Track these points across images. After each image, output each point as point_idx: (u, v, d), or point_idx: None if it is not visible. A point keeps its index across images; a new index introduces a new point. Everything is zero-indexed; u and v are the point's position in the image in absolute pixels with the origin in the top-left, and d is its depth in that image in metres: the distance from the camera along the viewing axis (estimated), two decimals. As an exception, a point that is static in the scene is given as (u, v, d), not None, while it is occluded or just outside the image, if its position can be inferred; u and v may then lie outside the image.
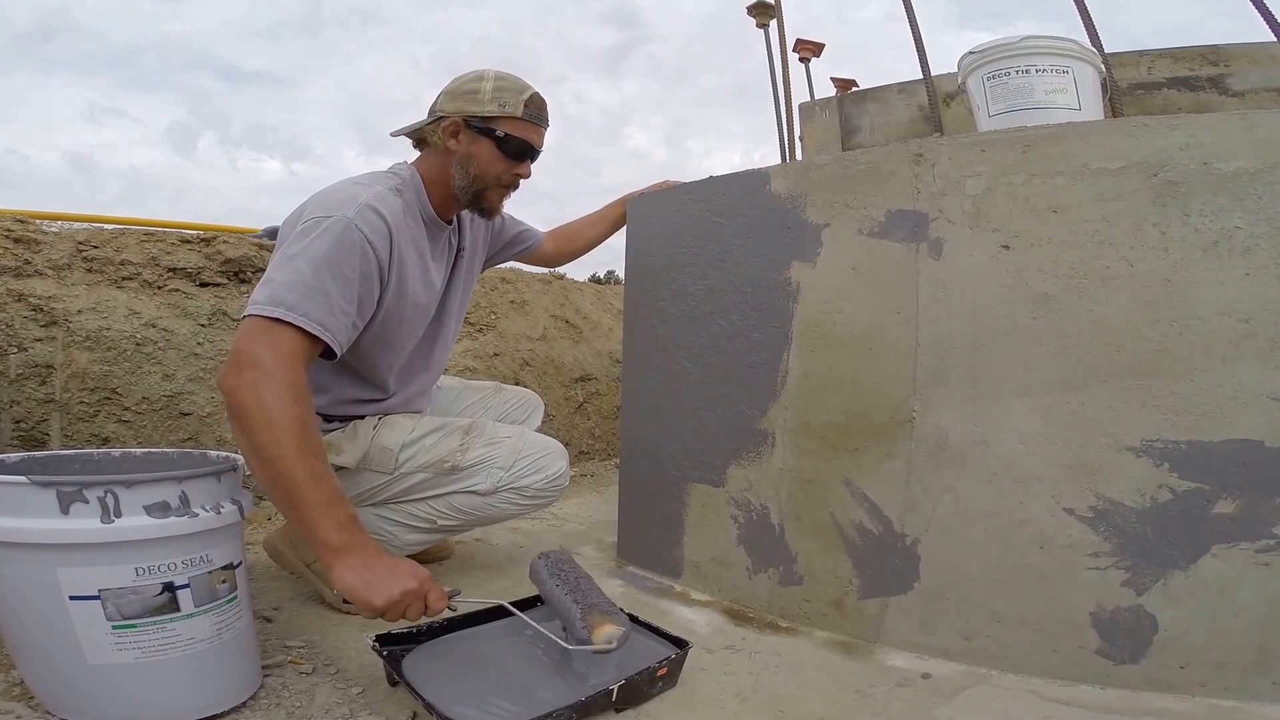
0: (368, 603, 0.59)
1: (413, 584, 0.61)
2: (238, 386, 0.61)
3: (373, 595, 0.59)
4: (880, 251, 0.80)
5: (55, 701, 0.58)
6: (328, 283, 0.68)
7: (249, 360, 0.62)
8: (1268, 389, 0.63)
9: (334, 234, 0.70)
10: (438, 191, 0.85)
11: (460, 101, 0.82)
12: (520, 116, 0.82)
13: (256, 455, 0.61)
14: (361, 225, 0.72)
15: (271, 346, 0.63)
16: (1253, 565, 0.64)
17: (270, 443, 0.60)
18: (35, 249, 1.16)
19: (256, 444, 0.60)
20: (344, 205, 0.73)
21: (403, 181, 0.82)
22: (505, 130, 0.82)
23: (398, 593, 0.60)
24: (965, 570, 0.74)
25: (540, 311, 1.90)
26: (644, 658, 0.68)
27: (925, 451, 0.76)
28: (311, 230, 0.70)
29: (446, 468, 0.84)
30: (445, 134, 0.83)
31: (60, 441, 1.08)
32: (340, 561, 0.60)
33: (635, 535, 1.06)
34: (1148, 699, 0.65)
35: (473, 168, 0.83)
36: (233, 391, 0.61)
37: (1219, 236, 0.65)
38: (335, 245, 0.70)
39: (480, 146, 0.83)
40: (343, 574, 0.60)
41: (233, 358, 0.64)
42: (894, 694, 0.68)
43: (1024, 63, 0.94)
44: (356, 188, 0.76)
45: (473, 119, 0.82)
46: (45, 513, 0.53)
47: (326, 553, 0.61)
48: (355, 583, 0.60)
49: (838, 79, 1.81)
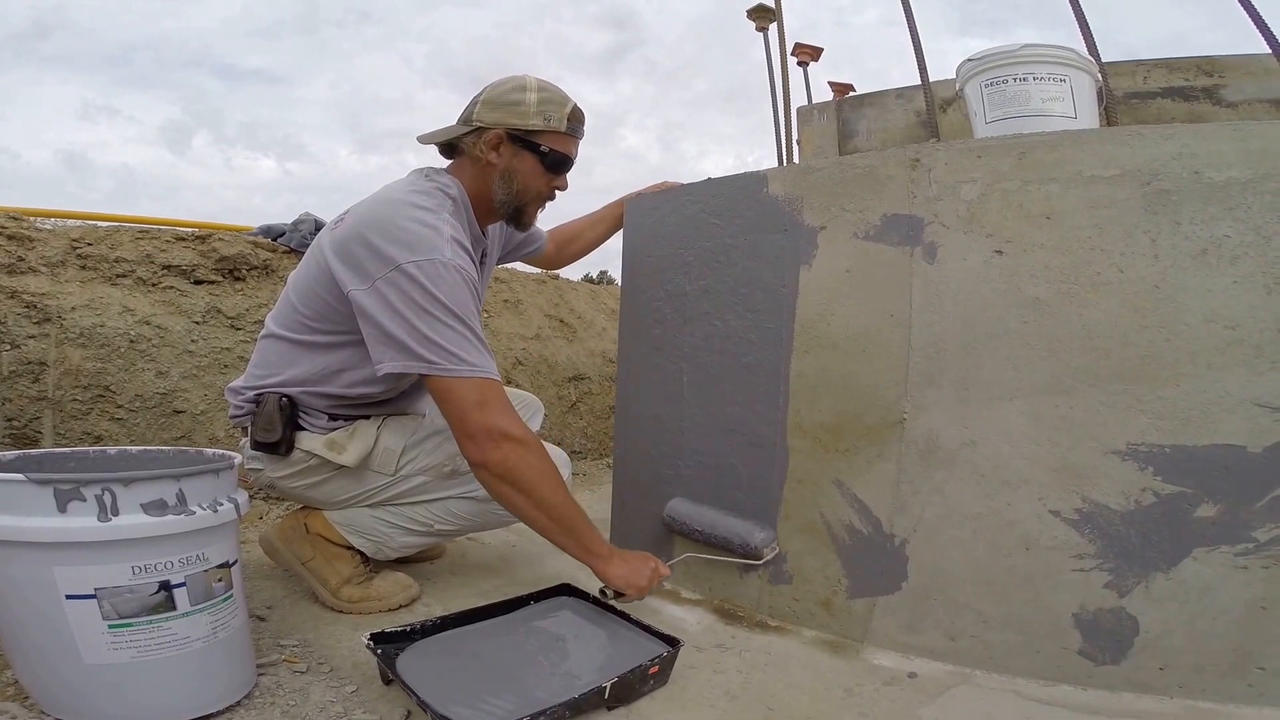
0: (637, 586, 0.79)
1: (651, 564, 0.82)
2: (506, 459, 0.73)
3: (638, 580, 0.80)
4: (875, 255, 0.80)
5: (51, 701, 0.58)
6: (473, 327, 0.74)
7: (499, 433, 0.72)
8: (1251, 395, 0.64)
9: (449, 279, 0.72)
10: (478, 205, 0.85)
11: (503, 113, 0.80)
12: (563, 130, 0.81)
13: (539, 507, 0.75)
14: (460, 264, 0.73)
15: (503, 413, 0.73)
16: (1232, 568, 0.65)
17: (551, 493, 0.75)
18: (29, 246, 1.15)
19: (539, 499, 0.75)
20: (432, 247, 0.72)
21: (455, 205, 0.81)
22: (549, 145, 0.81)
23: (648, 572, 0.81)
24: (952, 571, 0.75)
25: (534, 311, 1.90)
26: (636, 656, 0.69)
27: (915, 453, 0.76)
28: (418, 279, 0.70)
29: (447, 471, 0.84)
30: (487, 146, 0.81)
31: (53, 439, 1.07)
32: (609, 564, 0.79)
33: (628, 534, 1.07)
34: (1127, 699, 0.66)
35: (515, 182, 0.82)
36: (505, 466, 0.73)
37: (1208, 245, 0.66)
38: (455, 288, 0.72)
39: (523, 161, 0.82)
40: (615, 572, 0.79)
41: (480, 434, 0.72)
42: (880, 693, 0.69)
43: (1022, 70, 0.94)
44: (425, 218, 0.74)
45: (516, 132, 0.80)
46: (42, 511, 0.53)
47: (599, 561, 0.79)
48: (625, 575, 0.79)
49: (835, 83, 1.81)
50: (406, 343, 0.70)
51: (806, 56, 1.83)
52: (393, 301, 0.70)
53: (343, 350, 0.79)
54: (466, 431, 0.72)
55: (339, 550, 0.86)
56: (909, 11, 1.35)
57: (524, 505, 0.75)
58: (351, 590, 0.85)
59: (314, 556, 0.86)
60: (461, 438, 0.73)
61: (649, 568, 0.81)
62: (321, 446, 0.82)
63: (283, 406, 0.81)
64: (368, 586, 0.86)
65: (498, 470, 0.72)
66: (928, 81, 1.39)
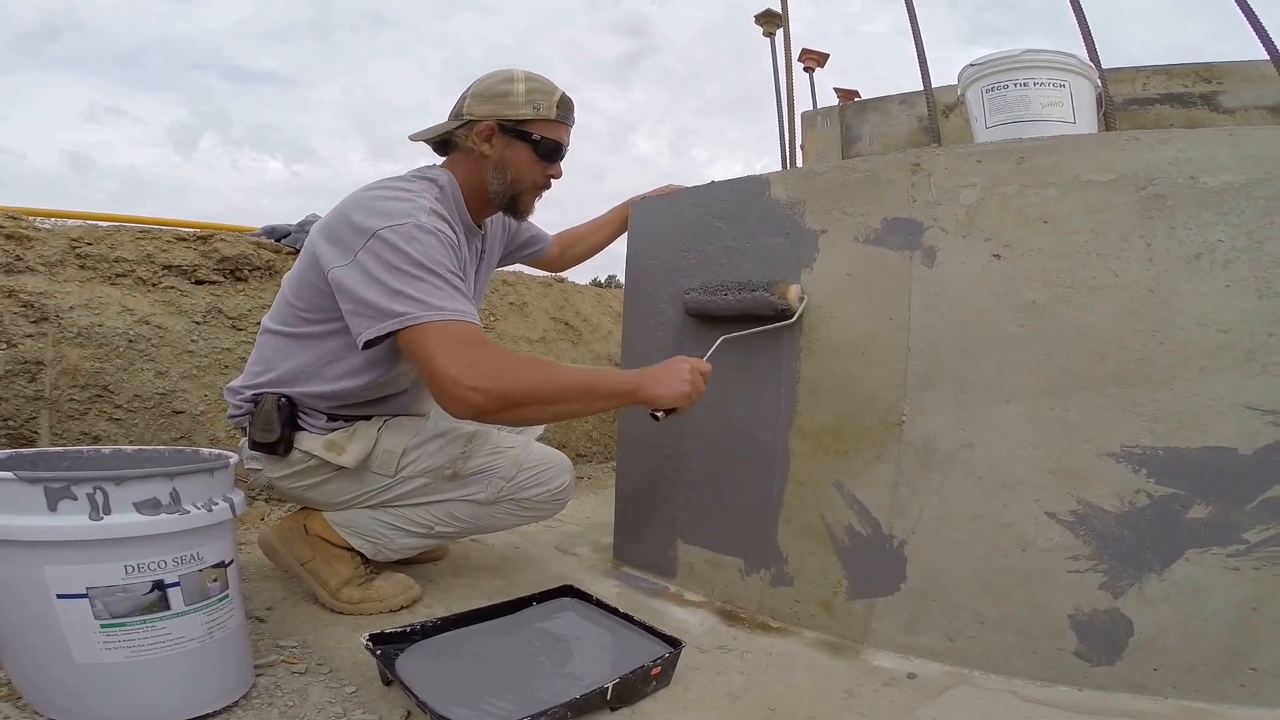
0: (683, 394, 0.76)
1: (684, 365, 0.78)
2: (485, 388, 0.66)
3: (680, 387, 0.76)
4: (875, 258, 0.81)
5: (43, 701, 0.57)
6: (450, 280, 0.71)
7: (463, 368, 0.66)
8: (1243, 398, 0.65)
9: (423, 239, 0.70)
10: (473, 197, 0.85)
11: (493, 105, 0.81)
12: (553, 118, 0.82)
13: (551, 405, 0.71)
14: (437, 226, 0.73)
15: (459, 346, 0.68)
16: (1224, 570, 0.66)
17: (546, 385, 0.70)
18: (27, 245, 1.15)
19: (541, 396, 0.70)
20: (407, 214, 0.72)
21: (441, 190, 0.81)
22: (540, 133, 0.82)
23: (687, 373, 0.78)
24: (950, 572, 0.75)
25: (540, 314, 1.90)
26: (638, 657, 0.69)
27: (914, 455, 0.77)
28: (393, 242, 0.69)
29: (447, 474, 0.84)
30: (479, 138, 0.82)
31: (50, 439, 1.06)
32: (643, 391, 0.76)
33: (631, 537, 1.07)
34: (1122, 700, 0.67)
35: (509, 172, 0.83)
36: (490, 394, 0.67)
37: (1202, 249, 0.67)
38: (430, 247, 0.70)
39: (516, 150, 0.82)
40: (653, 393, 0.75)
41: (455, 375, 0.66)
42: (880, 693, 0.69)
43: (1022, 75, 0.95)
44: (403, 194, 0.75)
45: (507, 122, 0.81)
46: (32, 509, 0.52)
47: (633, 395, 0.75)
48: (666, 392, 0.76)
49: (841, 89, 1.82)
50: (378, 303, 0.68)
51: (813, 62, 1.84)
52: (369, 268, 0.70)
53: (333, 339, 0.79)
54: (438, 385, 0.67)
55: (339, 551, 0.86)
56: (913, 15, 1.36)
57: (538, 414, 0.71)
58: (351, 591, 0.85)
59: (313, 558, 0.86)
60: (437, 394, 0.68)
61: (684, 369, 0.78)
62: (320, 447, 0.81)
63: (281, 407, 0.80)
64: (368, 588, 0.86)
65: (487, 403, 0.67)
66: (930, 86, 1.40)
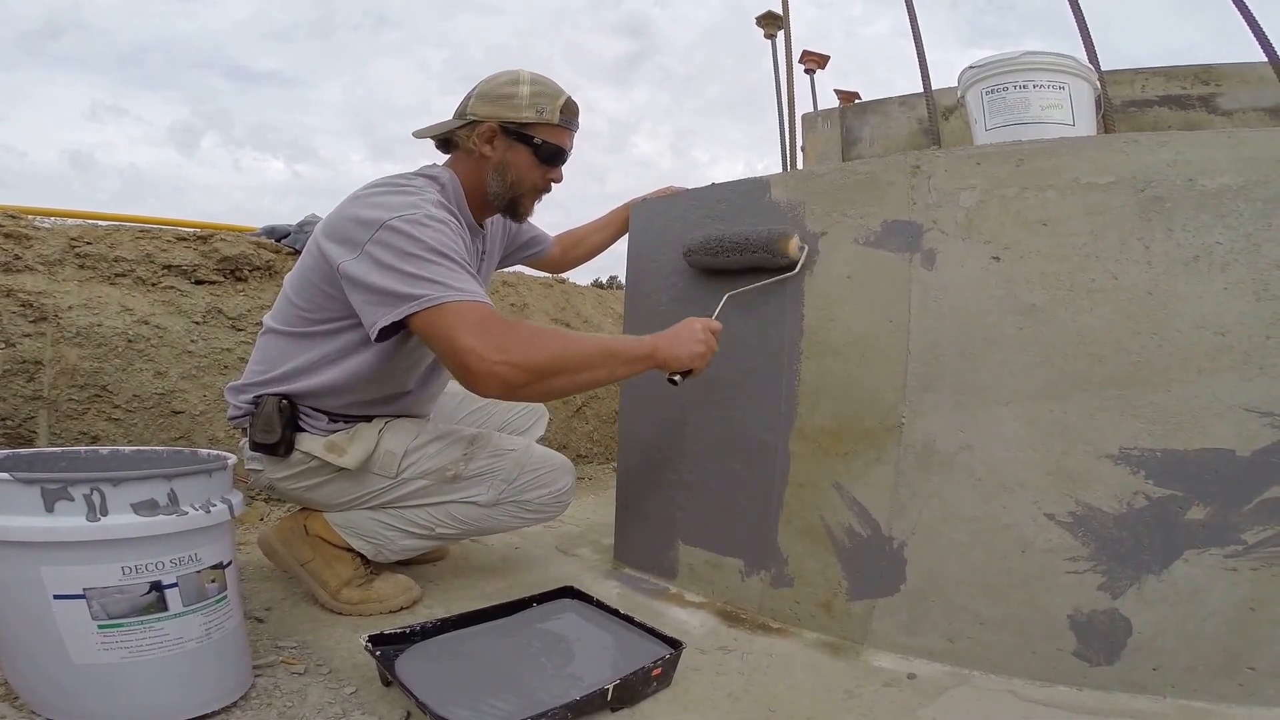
0: (698, 355, 0.79)
1: (695, 325, 0.80)
2: (515, 361, 0.66)
3: (694, 347, 0.78)
4: (875, 261, 0.81)
5: (40, 702, 0.57)
6: (462, 265, 0.71)
7: (489, 344, 0.66)
8: (1240, 400, 0.65)
9: (434, 227, 0.71)
10: (473, 197, 0.85)
11: (496, 106, 0.81)
12: (556, 123, 0.82)
13: (574, 372, 0.71)
14: (444, 217, 0.73)
15: (482, 323, 0.67)
16: (1222, 570, 0.66)
17: (571, 354, 0.71)
18: (26, 244, 1.14)
19: (568, 365, 0.70)
20: (414, 205, 0.72)
21: (444, 188, 0.81)
22: (542, 137, 0.82)
23: (700, 332, 0.80)
24: (949, 573, 0.75)
25: (540, 315, 1.90)
26: (639, 658, 0.69)
27: (913, 456, 0.77)
28: (403, 230, 0.69)
29: (448, 476, 0.84)
30: (480, 139, 0.82)
31: (48, 439, 1.06)
32: (658, 354, 0.77)
33: (632, 538, 1.07)
34: (1121, 700, 0.67)
35: (510, 174, 0.83)
36: (521, 367, 0.67)
37: (1200, 251, 0.67)
38: (440, 234, 0.71)
39: (517, 153, 0.82)
40: (668, 355, 0.77)
41: (481, 352, 0.65)
42: (880, 694, 0.69)
43: (1022, 78, 0.95)
44: (407, 190, 0.75)
45: (509, 125, 0.81)
46: (29, 510, 0.52)
47: (649, 359, 0.77)
48: (677, 354, 0.77)
49: (841, 91, 1.82)
50: (394, 288, 0.68)
51: (813, 64, 1.84)
52: (380, 256, 0.70)
53: (336, 339, 0.79)
54: (464, 363, 0.66)
55: (339, 552, 0.86)
56: (913, 17, 1.36)
57: (566, 384, 0.72)
58: (351, 592, 0.85)
59: (313, 558, 0.86)
60: (462, 374, 0.67)
61: (696, 327, 0.80)
62: (321, 448, 0.81)
63: (282, 408, 0.80)
64: (368, 588, 0.86)
65: (514, 378, 0.66)
66: (930, 89, 1.40)
